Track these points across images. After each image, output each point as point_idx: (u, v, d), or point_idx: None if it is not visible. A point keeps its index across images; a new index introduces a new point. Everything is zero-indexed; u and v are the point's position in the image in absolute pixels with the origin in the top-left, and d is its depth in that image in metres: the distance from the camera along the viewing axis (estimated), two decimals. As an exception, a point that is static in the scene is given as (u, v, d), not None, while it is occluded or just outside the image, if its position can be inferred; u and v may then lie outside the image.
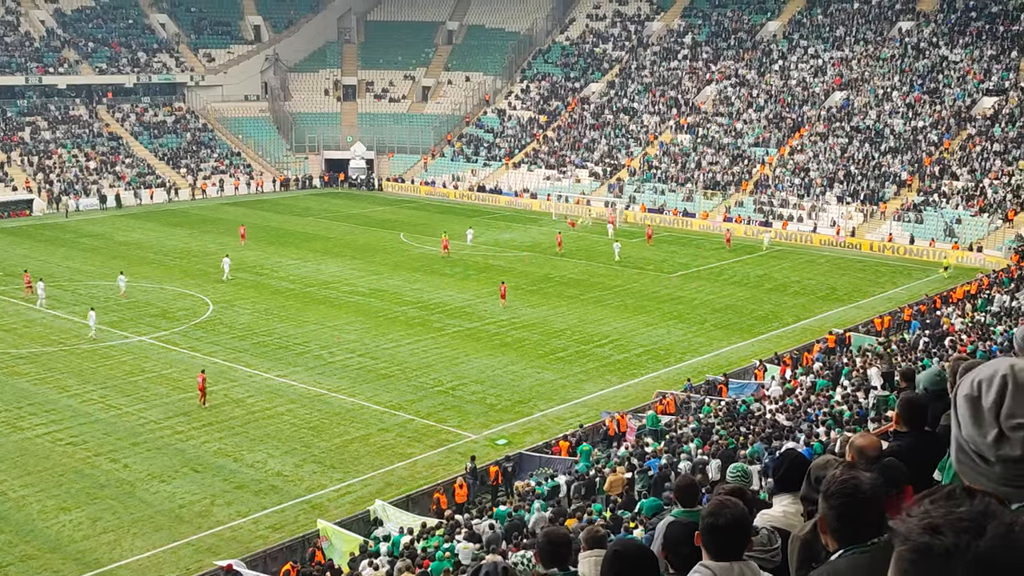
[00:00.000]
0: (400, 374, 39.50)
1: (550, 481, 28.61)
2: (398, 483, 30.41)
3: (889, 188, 68.00)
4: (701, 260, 60.07)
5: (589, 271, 56.86)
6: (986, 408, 2.17)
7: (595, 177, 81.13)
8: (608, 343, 43.47)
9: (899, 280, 54.93)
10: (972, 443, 2.19)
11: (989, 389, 2.18)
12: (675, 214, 72.58)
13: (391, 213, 76.46)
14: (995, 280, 48.38)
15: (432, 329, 45.48)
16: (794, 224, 67.33)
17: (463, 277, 55.46)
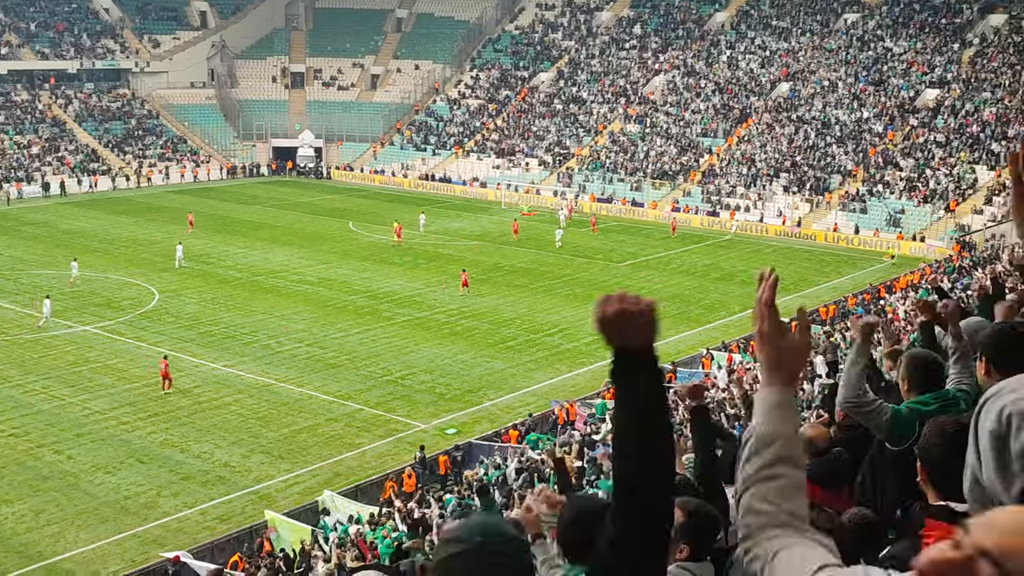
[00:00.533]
0: (349, 363, 39.33)
1: (495, 470, 28.72)
2: (347, 473, 30.33)
3: (834, 178, 68.85)
4: (649, 249, 60.43)
5: (539, 260, 56.97)
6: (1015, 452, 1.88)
7: (544, 166, 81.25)
8: (557, 332, 43.61)
9: (844, 269, 55.68)
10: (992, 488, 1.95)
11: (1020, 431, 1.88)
12: (624, 203, 72.92)
13: (340, 202, 76.01)
14: (937, 269, 49.19)
15: (381, 318, 45.33)
16: (741, 214, 67.94)
17: (413, 266, 55.31)
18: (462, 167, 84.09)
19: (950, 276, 46.13)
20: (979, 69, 72.91)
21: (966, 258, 51.12)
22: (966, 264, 49.17)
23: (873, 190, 66.18)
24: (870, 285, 48.64)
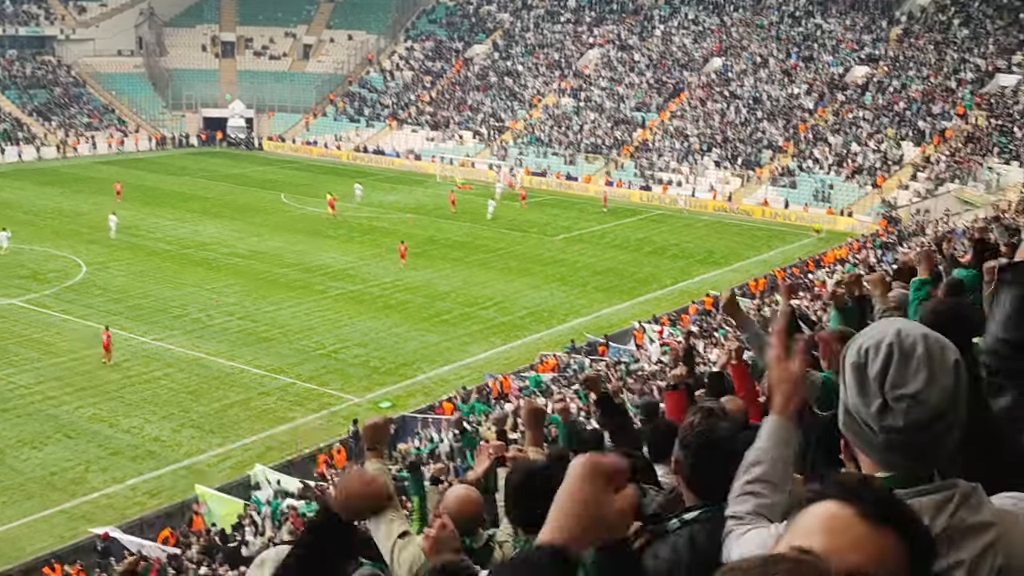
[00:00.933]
0: (281, 337, 39.04)
1: (429, 443, 28.80)
2: (279, 447, 30.20)
3: (765, 153, 69.68)
4: (583, 223, 60.70)
5: (474, 234, 56.93)
6: (872, 377, 2.18)
7: (479, 139, 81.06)
8: (492, 305, 43.71)
9: (774, 244, 56.48)
10: (858, 411, 2.22)
11: (875, 357, 2.19)
12: (558, 177, 73.07)
13: (272, 173, 75.06)
14: (864, 244, 50.15)
15: (314, 292, 45.02)
16: (673, 188, 68.48)
17: (346, 239, 54.94)
18: (396, 139, 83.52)
19: (877, 251, 47.09)
20: (906, 47, 74.18)
21: (892, 233, 52.16)
22: (892, 239, 50.18)
23: (803, 165, 67.12)
24: (799, 259, 49.39)
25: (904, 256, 12.06)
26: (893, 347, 2.18)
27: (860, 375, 2.20)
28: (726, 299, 7.20)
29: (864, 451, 2.28)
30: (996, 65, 69.16)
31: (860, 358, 2.22)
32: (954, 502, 2.19)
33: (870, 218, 59.14)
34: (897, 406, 2.14)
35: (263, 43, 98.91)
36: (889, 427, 2.16)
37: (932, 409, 2.12)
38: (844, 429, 2.31)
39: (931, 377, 2.13)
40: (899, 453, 2.19)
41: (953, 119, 66.27)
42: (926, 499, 2.18)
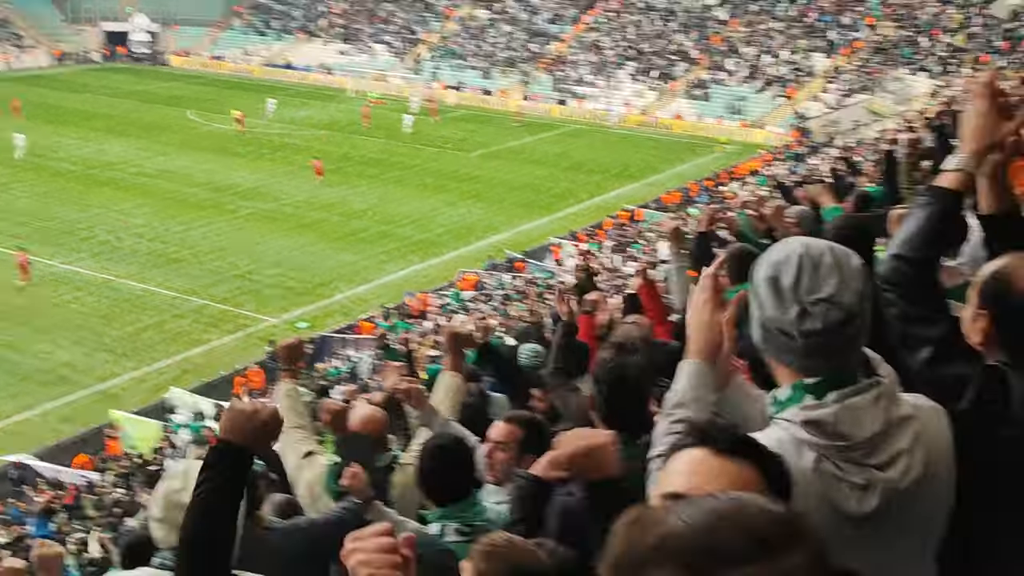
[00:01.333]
0: (193, 258, 38.30)
1: (348, 362, 28.72)
2: (195, 370, 29.83)
3: (679, 66, 69.66)
4: (500, 139, 60.26)
5: (389, 150, 56.15)
6: (786, 287, 2.29)
7: (392, 52, 79.57)
8: (409, 223, 43.37)
9: (688, 157, 56.76)
10: (776, 322, 2.31)
11: (787, 268, 2.30)
12: (474, 92, 72.25)
13: (178, 90, 72.78)
14: (777, 156, 50.79)
15: (225, 211, 44.12)
16: (589, 102, 68.25)
17: (257, 157, 53.77)
18: (306, 53, 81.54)
19: (788, 162, 47.71)
20: (818, -42, 74.29)
21: (804, 144, 52.87)
22: (804, 151, 50.87)
23: (716, 78, 67.34)
24: (713, 172, 49.87)
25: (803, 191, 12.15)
26: (803, 258, 2.30)
27: (775, 287, 2.31)
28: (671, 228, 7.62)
29: (784, 362, 2.37)
30: (905, -24, 69.77)
31: (773, 271, 2.33)
32: (885, 396, 2.34)
33: (782, 130, 59.77)
34: (815, 310, 2.26)
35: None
36: (809, 330, 2.26)
37: (846, 310, 2.26)
38: (761, 343, 2.40)
39: (842, 280, 2.27)
40: (820, 356, 2.29)
41: (862, 30, 66.90)
42: (861, 397, 2.31)
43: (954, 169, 3.04)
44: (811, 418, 2.28)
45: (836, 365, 2.31)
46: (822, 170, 40.26)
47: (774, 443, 2.23)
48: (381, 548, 1.89)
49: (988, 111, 2.99)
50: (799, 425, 2.29)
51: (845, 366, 2.33)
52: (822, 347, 2.27)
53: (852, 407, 2.28)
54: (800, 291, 2.27)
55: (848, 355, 2.32)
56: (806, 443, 2.28)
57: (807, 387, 2.32)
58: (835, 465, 2.27)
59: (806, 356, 2.30)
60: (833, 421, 2.27)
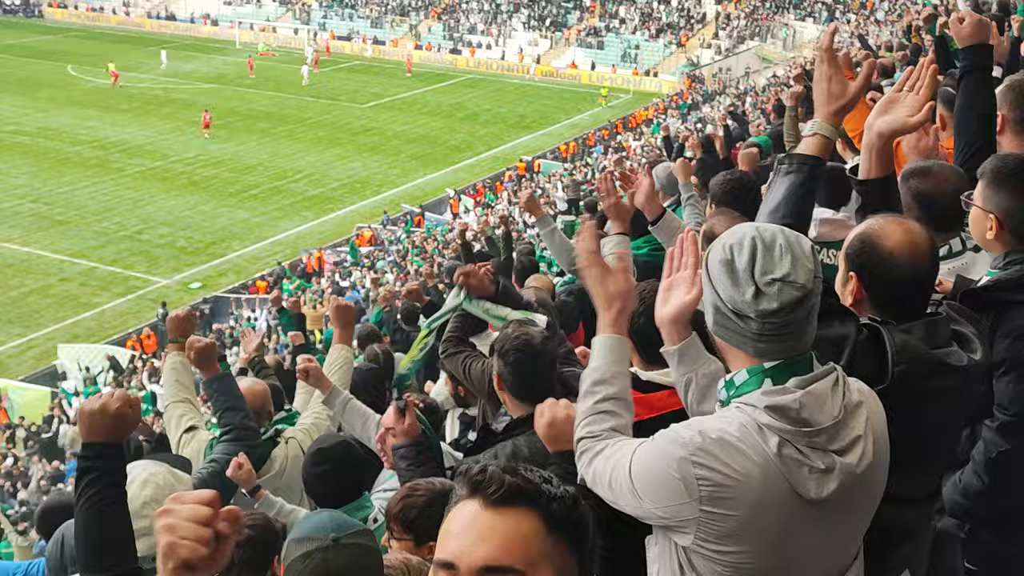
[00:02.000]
0: (79, 219, 37.03)
1: (246, 322, 28.22)
2: (85, 335, 28.97)
3: (573, 14, 69.52)
4: (393, 90, 59.47)
5: (280, 103, 54.95)
6: (741, 269, 2.30)
7: (280, 2, 77.64)
8: (303, 178, 42.60)
9: (583, 107, 56.82)
10: (731, 303, 2.31)
11: (741, 251, 2.31)
12: (364, 41, 71.03)
13: (56, 43, 69.89)
14: (670, 104, 51.15)
15: (111, 170, 42.71)
16: (482, 51, 67.73)
17: (142, 112, 52.07)
18: (190, 3, 79.03)
19: (682, 111, 48.11)
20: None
21: (696, 92, 53.34)
22: (697, 99, 51.35)
23: (609, 25, 67.40)
24: (608, 122, 50.04)
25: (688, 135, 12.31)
26: (756, 239, 2.32)
27: (729, 269, 2.32)
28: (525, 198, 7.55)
29: (739, 346, 2.36)
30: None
31: (727, 254, 2.33)
32: (840, 382, 2.37)
33: (675, 78, 60.21)
34: (769, 290, 2.27)
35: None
36: (765, 310, 2.27)
37: (800, 287, 2.27)
38: (716, 328, 2.40)
39: (794, 260, 2.29)
40: (775, 338, 2.30)
41: (752, -23, 67.57)
42: (822, 383, 2.33)
43: (810, 134, 3.14)
44: (775, 404, 2.28)
45: (791, 347, 2.33)
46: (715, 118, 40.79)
47: (736, 426, 2.28)
48: (195, 517, 1.69)
49: (832, 74, 3.13)
50: (762, 410, 2.28)
51: (800, 349, 2.35)
52: (777, 328, 2.29)
53: (814, 393, 2.30)
54: (755, 271, 2.29)
55: (802, 336, 2.33)
56: (769, 428, 2.27)
57: (766, 372, 2.33)
58: (798, 450, 2.27)
59: (761, 338, 2.31)
60: (797, 407, 2.27)
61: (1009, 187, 3.28)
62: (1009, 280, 3.24)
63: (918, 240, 2.78)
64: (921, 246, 2.77)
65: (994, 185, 3.31)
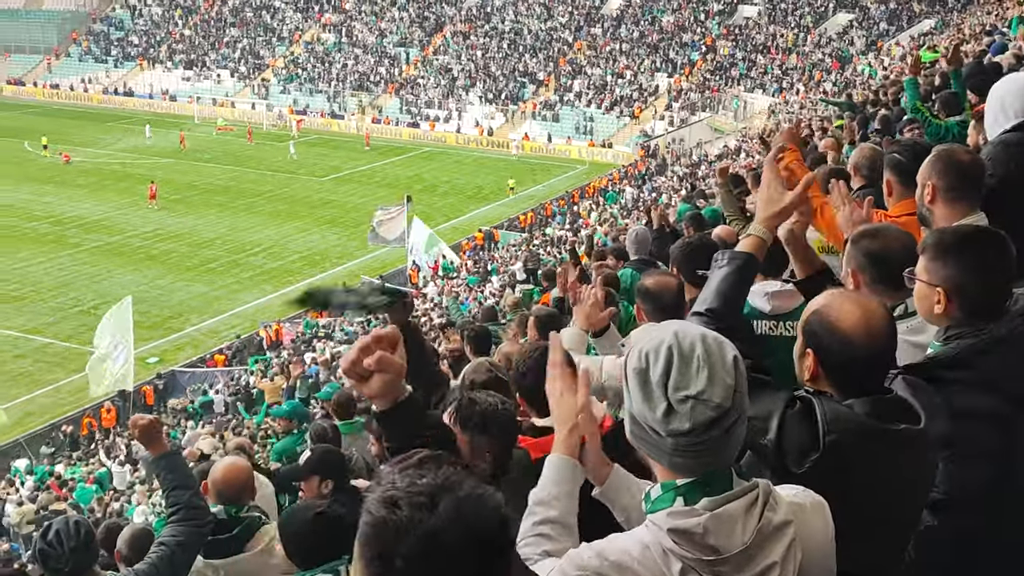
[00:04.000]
0: (34, 295, 36.73)
1: (202, 396, 28.04)
2: (40, 411, 28.62)
3: (528, 88, 70.59)
4: (351, 163, 59.84)
5: (237, 177, 55.10)
6: (654, 381, 2.17)
7: (238, 77, 78.20)
8: (262, 251, 42.61)
9: (539, 177, 57.45)
10: (642, 418, 2.19)
11: (656, 361, 2.18)
12: (322, 116, 71.58)
13: (12, 120, 69.71)
14: (624, 174, 51.91)
15: (68, 245, 42.50)
16: (440, 125, 68.45)
17: (99, 188, 51.96)
18: (148, 80, 79.38)
19: (635, 181, 48.83)
20: (657, -20, 76.46)
21: (650, 163, 54.19)
22: (651, 169, 52.16)
23: (564, 98, 68.47)
24: (565, 192, 50.62)
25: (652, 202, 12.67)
26: (672, 349, 2.17)
27: (643, 380, 2.19)
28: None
29: (655, 458, 2.26)
30: (739, -3, 72.58)
31: (642, 363, 2.20)
32: (759, 503, 2.21)
33: (630, 149, 61.14)
34: (682, 408, 2.13)
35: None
36: (675, 430, 2.14)
37: (715, 407, 2.12)
38: (632, 438, 2.28)
39: (712, 376, 2.14)
40: (689, 455, 2.17)
41: (702, 50, 69.12)
42: (734, 504, 2.18)
43: (746, 235, 3.27)
44: (679, 527, 2.16)
45: (707, 463, 2.19)
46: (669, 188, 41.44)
47: (639, 548, 2.19)
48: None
49: (772, 181, 3.30)
50: (666, 533, 2.17)
51: (718, 464, 2.21)
52: (691, 446, 2.15)
53: (724, 516, 2.16)
54: (668, 386, 2.15)
55: (719, 453, 2.19)
56: (672, 552, 2.16)
57: (678, 489, 2.21)
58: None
59: (674, 454, 2.18)
60: (702, 532, 2.15)
61: (956, 259, 3.20)
62: (946, 357, 3.15)
63: (874, 320, 2.70)
64: (877, 325, 2.70)
65: (940, 258, 3.22)
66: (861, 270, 3.56)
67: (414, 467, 1.80)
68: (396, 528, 1.67)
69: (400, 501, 1.69)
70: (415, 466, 1.84)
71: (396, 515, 1.67)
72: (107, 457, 24.65)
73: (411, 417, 2.63)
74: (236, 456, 6.07)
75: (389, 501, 1.70)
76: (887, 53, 49.68)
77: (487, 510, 1.71)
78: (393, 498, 1.70)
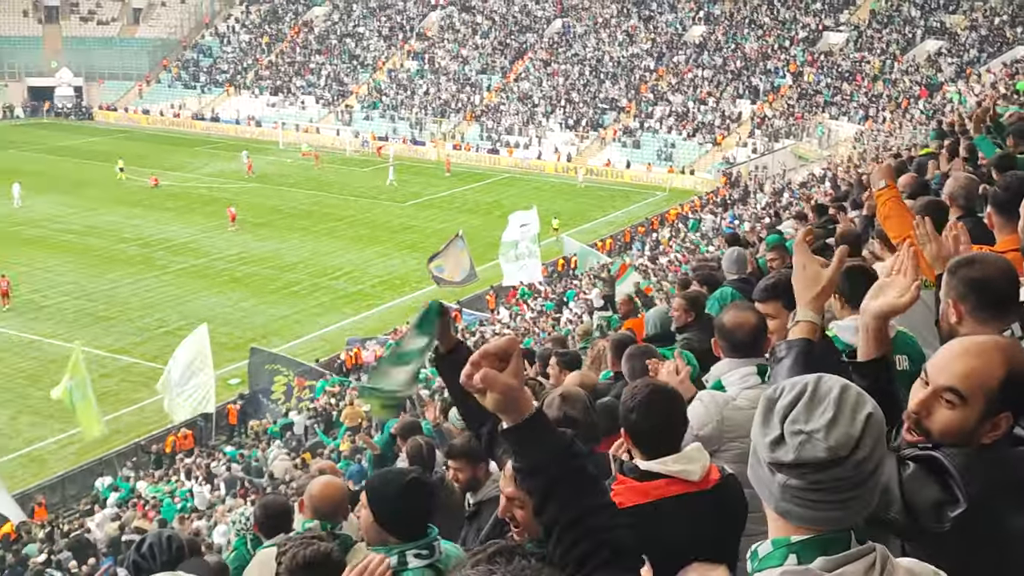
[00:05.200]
0: (121, 316, 37.57)
1: (283, 419, 28.33)
2: (126, 430, 29.18)
3: (608, 114, 70.55)
4: (432, 188, 60.33)
5: (320, 202, 55.89)
6: (777, 410, 2.10)
7: (323, 103, 79.51)
8: (343, 275, 43.09)
9: (619, 204, 57.29)
10: (756, 446, 2.13)
11: (789, 392, 2.11)
12: (404, 142, 72.35)
13: (105, 144, 71.80)
14: (706, 202, 51.46)
15: (155, 267, 43.46)
16: (520, 151, 68.71)
17: (186, 211, 53.15)
18: (235, 105, 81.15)
19: (715, 208, 48.37)
20: (741, 6, 76.03)
21: (733, 190, 53.68)
22: (732, 196, 51.65)
23: (645, 124, 68.27)
24: (645, 219, 50.35)
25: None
26: (808, 386, 2.10)
27: (768, 407, 2.12)
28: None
29: (765, 500, 2.14)
30: (824, 24, 71.69)
31: (776, 392, 2.14)
32: (877, 567, 2.07)
33: (711, 176, 60.68)
34: (791, 440, 2.04)
35: (89, 7, 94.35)
36: (777, 460, 2.05)
37: (827, 449, 2.00)
38: (750, 471, 2.18)
39: (834, 419, 2.04)
40: (797, 502, 2.05)
41: (787, 76, 68.43)
42: (852, 567, 2.04)
43: (795, 323, 3.29)
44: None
45: (818, 518, 2.05)
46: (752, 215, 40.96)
47: None
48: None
49: (805, 263, 3.30)
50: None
51: (830, 522, 2.06)
52: (799, 491, 2.04)
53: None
54: (788, 417, 2.07)
55: (832, 508, 2.04)
56: None
57: (792, 546, 2.07)
58: None
59: (782, 498, 2.07)
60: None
61: None
62: None
63: (1006, 350, 2.58)
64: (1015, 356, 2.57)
65: None
66: (962, 299, 3.40)
67: (485, 561, 1.79)
68: None
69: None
70: (486, 560, 1.81)
71: None
72: (187, 477, 25.01)
73: (535, 437, 2.51)
74: (331, 477, 6.09)
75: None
76: (977, 80, 48.63)
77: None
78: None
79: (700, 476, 3.50)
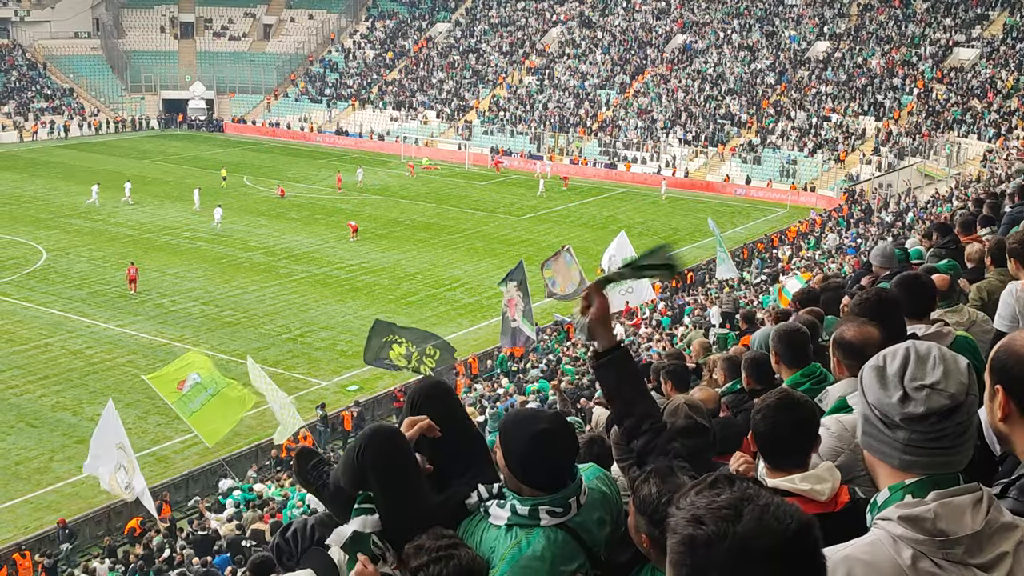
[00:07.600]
0: (246, 321, 38.72)
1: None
2: (247, 432, 29.97)
3: (729, 130, 69.83)
4: (549, 203, 60.60)
5: (440, 214, 56.68)
6: (891, 374, 2.32)
7: (443, 118, 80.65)
8: (459, 286, 43.59)
9: (738, 220, 56.63)
10: (878, 407, 2.31)
11: (894, 359, 2.34)
12: (523, 156, 72.85)
13: (234, 156, 74.27)
14: (828, 219, 50.46)
15: (279, 275, 44.68)
16: (638, 166, 68.50)
17: (310, 221, 54.52)
18: (359, 119, 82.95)
19: (839, 228, 47.39)
20: (867, 22, 74.49)
21: (856, 207, 52.52)
22: (858, 215, 50.53)
23: (766, 140, 67.35)
24: (765, 236, 49.63)
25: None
26: (910, 350, 2.34)
27: (880, 374, 2.34)
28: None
29: (885, 459, 2.35)
30: (955, 39, 69.66)
31: (879, 361, 2.37)
32: (985, 502, 2.26)
33: (833, 193, 59.50)
34: (917, 395, 2.25)
35: (222, 23, 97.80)
36: (910, 415, 2.25)
37: (950, 396, 2.25)
38: (864, 439, 2.39)
39: (947, 371, 2.28)
40: (923, 451, 2.27)
41: (914, 93, 66.70)
42: (960, 499, 2.24)
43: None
44: (909, 514, 2.21)
45: (937, 463, 2.28)
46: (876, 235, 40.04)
47: (867, 547, 2.23)
48: None
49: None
50: (896, 521, 2.22)
51: (948, 466, 2.29)
52: (925, 439, 2.25)
53: (952, 505, 2.21)
54: (905, 377, 2.29)
55: (951, 452, 2.28)
56: (903, 539, 2.20)
57: (907, 487, 2.30)
58: (934, 563, 2.17)
59: (908, 449, 2.28)
60: (932, 517, 2.19)
61: None
62: None
63: None
64: None
65: None
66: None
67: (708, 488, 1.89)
68: (706, 542, 1.78)
69: (704, 518, 1.81)
70: (709, 487, 1.91)
71: (703, 530, 1.79)
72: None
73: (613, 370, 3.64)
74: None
75: (694, 519, 1.81)
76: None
77: (788, 517, 1.80)
78: (697, 516, 1.81)
79: (828, 497, 3.44)
